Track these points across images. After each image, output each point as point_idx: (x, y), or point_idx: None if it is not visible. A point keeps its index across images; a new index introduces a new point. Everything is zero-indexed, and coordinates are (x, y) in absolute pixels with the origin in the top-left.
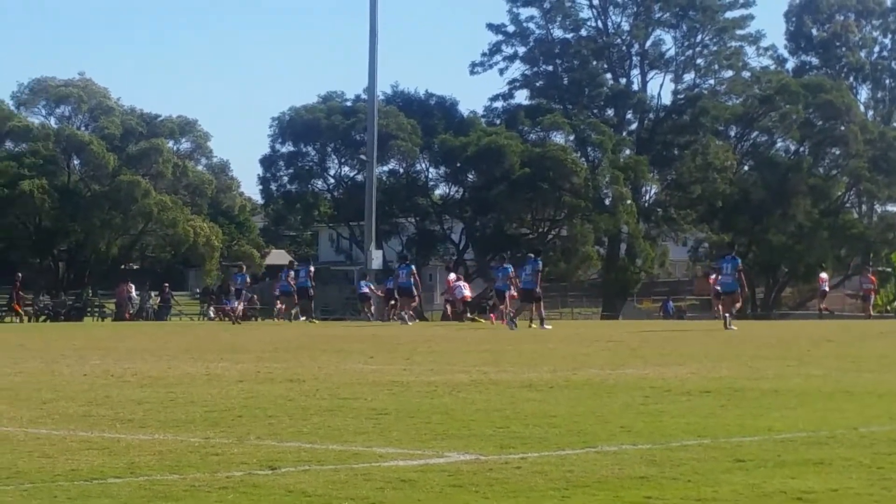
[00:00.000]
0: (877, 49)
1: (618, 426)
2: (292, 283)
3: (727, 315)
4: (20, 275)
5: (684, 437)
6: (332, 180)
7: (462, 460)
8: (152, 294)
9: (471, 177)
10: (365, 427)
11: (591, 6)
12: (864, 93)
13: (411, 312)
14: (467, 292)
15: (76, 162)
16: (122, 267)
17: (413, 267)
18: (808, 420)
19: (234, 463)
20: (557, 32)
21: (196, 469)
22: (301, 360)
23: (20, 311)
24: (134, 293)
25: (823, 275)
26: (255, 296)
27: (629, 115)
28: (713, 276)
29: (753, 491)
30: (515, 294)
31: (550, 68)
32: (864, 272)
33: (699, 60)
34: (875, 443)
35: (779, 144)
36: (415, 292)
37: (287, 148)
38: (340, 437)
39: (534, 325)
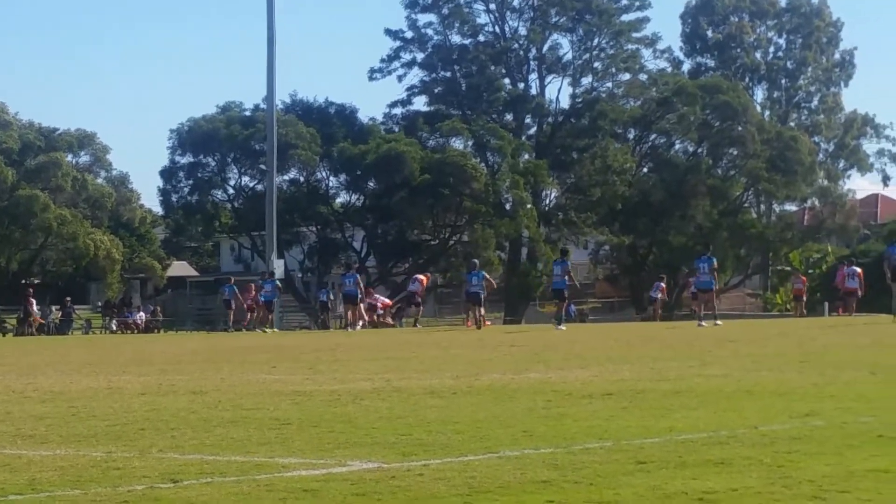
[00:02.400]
0: (772, 49)
1: (520, 430)
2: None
3: (707, 313)
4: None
5: (586, 440)
6: (232, 190)
7: (365, 469)
8: (53, 308)
9: (371, 184)
10: (268, 438)
11: (488, 11)
12: (760, 93)
13: (364, 320)
14: (385, 299)
15: None
16: (23, 282)
17: (358, 276)
18: (709, 420)
19: (136, 476)
20: (455, 38)
21: (98, 483)
22: (204, 371)
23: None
24: (35, 308)
25: (663, 284)
26: (159, 307)
27: (528, 120)
28: (691, 279)
29: (655, 493)
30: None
31: (449, 74)
32: (796, 274)
33: (596, 64)
34: (775, 441)
35: (677, 146)
36: (359, 299)
37: (187, 159)
38: (243, 448)
39: (563, 327)
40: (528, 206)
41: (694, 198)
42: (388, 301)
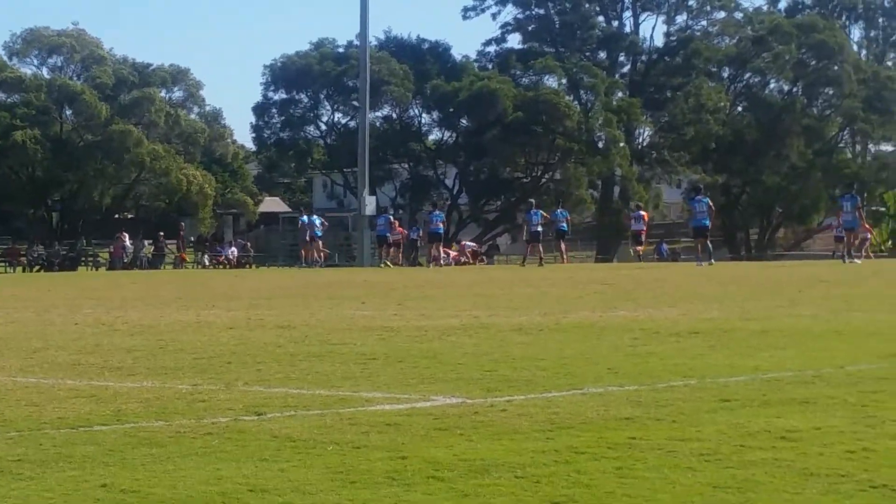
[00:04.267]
0: None
1: (605, 368)
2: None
3: (848, 251)
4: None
5: (671, 378)
6: (324, 127)
7: (448, 404)
8: (146, 243)
9: (464, 122)
10: (353, 372)
11: None
12: (856, 32)
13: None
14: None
15: (69, 112)
16: (117, 216)
17: (443, 215)
18: (796, 360)
19: (221, 409)
20: None
21: (182, 415)
22: (293, 306)
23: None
24: (128, 242)
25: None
26: (250, 243)
27: (622, 58)
28: (832, 223)
29: (737, 430)
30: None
31: (542, 11)
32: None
33: (691, 2)
34: (861, 381)
35: (772, 85)
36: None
37: (279, 95)
38: (328, 382)
39: (705, 264)
40: (621, 144)
41: (788, 137)
42: (474, 245)
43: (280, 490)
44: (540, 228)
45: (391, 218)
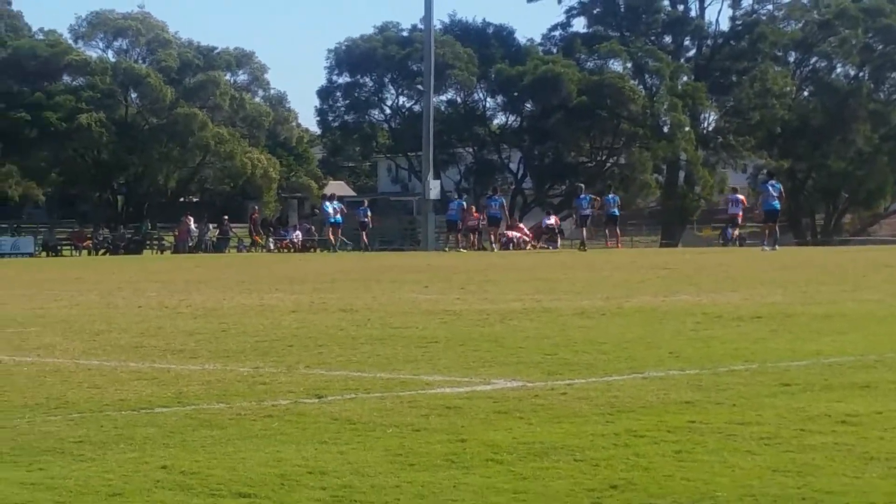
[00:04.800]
0: None
1: (666, 352)
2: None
3: None
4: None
5: (732, 363)
6: (389, 111)
7: (508, 387)
8: (211, 226)
9: (528, 106)
10: (414, 355)
11: None
12: None
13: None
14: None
15: (134, 95)
16: (182, 199)
17: (503, 199)
18: (858, 344)
19: (282, 392)
20: None
21: (243, 398)
22: (356, 290)
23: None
24: (192, 225)
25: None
26: (313, 227)
27: (687, 42)
28: None
29: (798, 415)
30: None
31: None
32: None
33: None
34: None
35: (838, 69)
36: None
37: (344, 79)
38: (389, 365)
39: (768, 249)
40: (686, 128)
41: (854, 122)
42: (529, 233)
43: (339, 472)
44: (588, 212)
45: (464, 204)
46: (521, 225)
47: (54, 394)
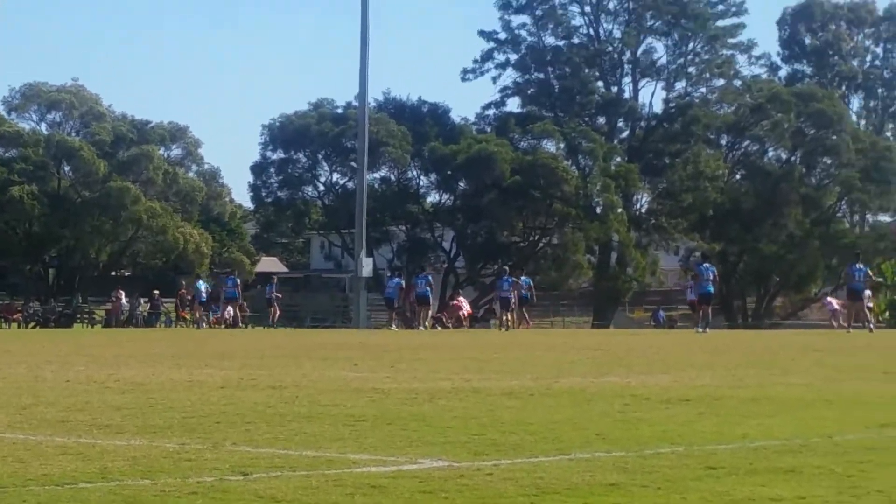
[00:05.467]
0: (869, 58)
1: (593, 433)
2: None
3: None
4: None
5: (659, 445)
6: (322, 187)
7: (434, 467)
8: (142, 301)
9: (462, 184)
10: (341, 434)
11: (582, 13)
12: (856, 102)
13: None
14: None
15: (66, 168)
16: (113, 273)
17: (430, 277)
18: (784, 428)
19: (207, 468)
20: (549, 40)
21: (168, 474)
22: (286, 366)
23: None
24: (124, 300)
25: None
26: (245, 302)
27: (620, 123)
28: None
29: (722, 498)
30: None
31: (542, 76)
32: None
33: (691, 69)
34: (848, 451)
35: (770, 153)
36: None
37: (278, 155)
38: (315, 443)
39: (701, 331)
40: (619, 210)
41: (786, 206)
42: (469, 309)
43: None
44: (508, 294)
45: (402, 283)
46: (462, 298)
47: None
